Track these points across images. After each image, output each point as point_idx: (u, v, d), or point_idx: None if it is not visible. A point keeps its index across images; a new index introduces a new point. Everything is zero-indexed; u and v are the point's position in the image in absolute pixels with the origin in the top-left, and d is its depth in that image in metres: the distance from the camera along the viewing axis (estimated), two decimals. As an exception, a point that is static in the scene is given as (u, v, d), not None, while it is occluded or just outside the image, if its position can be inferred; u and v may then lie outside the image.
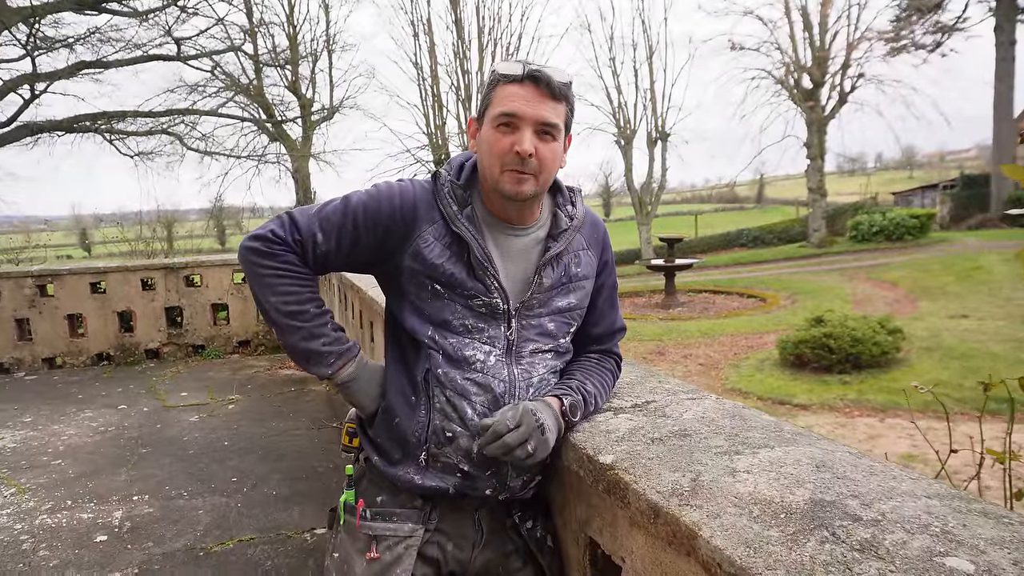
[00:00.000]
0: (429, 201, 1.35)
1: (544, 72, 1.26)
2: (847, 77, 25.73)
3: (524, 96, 1.26)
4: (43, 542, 3.31)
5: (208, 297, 7.72)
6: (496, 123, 1.28)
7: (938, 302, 14.25)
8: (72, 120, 13.90)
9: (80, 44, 13.43)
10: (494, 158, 1.28)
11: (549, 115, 1.27)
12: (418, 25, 22.89)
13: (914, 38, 26.80)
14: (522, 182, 1.28)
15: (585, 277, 1.44)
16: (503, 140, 1.27)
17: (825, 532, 0.86)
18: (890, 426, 7.68)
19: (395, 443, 1.36)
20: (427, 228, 1.33)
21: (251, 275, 1.34)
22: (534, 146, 1.26)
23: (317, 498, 3.74)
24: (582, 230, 1.44)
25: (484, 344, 1.34)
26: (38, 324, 7.23)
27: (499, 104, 1.27)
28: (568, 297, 1.41)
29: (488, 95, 1.31)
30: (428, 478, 1.33)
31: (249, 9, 17.42)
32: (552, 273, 1.38)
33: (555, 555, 1.49)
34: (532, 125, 1.26)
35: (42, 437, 4.96)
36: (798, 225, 30.25)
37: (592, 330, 1.52)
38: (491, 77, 1.31)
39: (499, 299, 1.33)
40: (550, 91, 1.27)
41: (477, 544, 1.40)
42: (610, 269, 1.53)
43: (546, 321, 1.39)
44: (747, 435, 1.24)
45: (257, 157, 18.76)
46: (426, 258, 1.31)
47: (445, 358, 1.32)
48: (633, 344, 12.37)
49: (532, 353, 1.38)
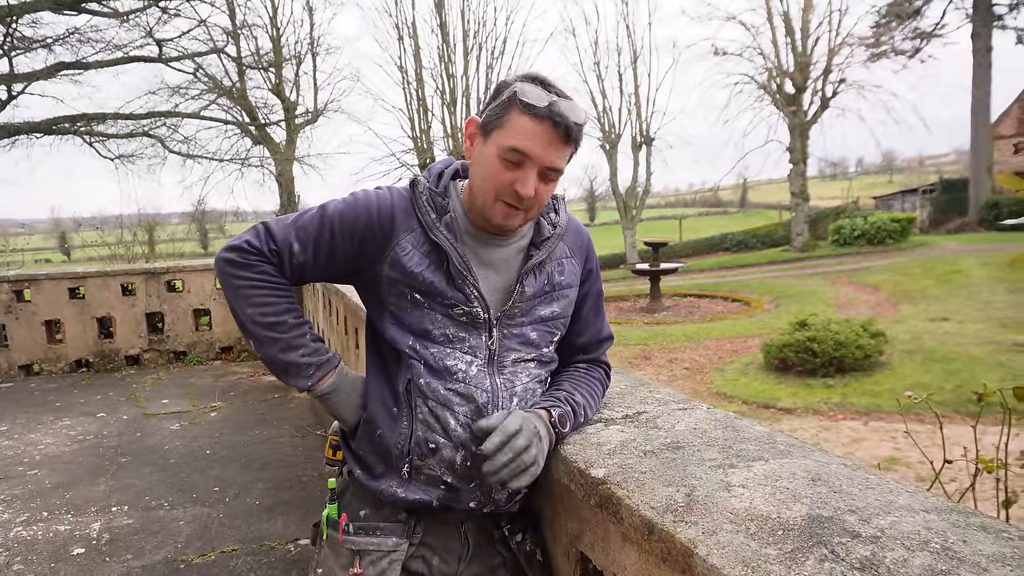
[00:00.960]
0: (407, 209, 1.32)
1: (565, 117, 1.20)
2: (829, 82, 26.05)
3: (540, 136, 1.20)
4: (18, 555, 3.23)
5: (190, 302, 7.63)
6: (503, 154, 1.22)
7: (919, 305, 14.41)
8: (51, 122, 13.69)
9: (59, 45, 13.24)
10: (492, 186, 1.25)
11: (558, 161, 1.24)
12: (403, 28, 22.85)
13: (894, 44, 27.18)
14: (512, 217, 1.26)
15: (569, 285, 1.41)
16: (506, 175, 1.23)
17: (824, 550, 0.84)
18: (873, 429, 7.74)
19: (377, 456, 1.33)
20: (405, 236, 1.30)
21: (227, 286, 1.32)
22: (535, 189, 1.23)
23: (301, 507, 3.69)
24: (565, 238, 1.42)
25: (466, 354, 1.31)
26: (14, 330, 7.10)
27: (512, 136, 1.21)
28: (551, 306, 1.38)
29: (502, 116, 1.23)
30: (411, 491, 1.30)
31: (232, 11, 17.26)
32: (535, 282, 1.35)
33: (544, 569, 1.45)
34: (539, 168, 1.23)
35: (18, 447, 4.85)
36: (781, 229, 30.52)
37: (578, 339, 1.49)
38: (510, 94, 1.22)
39: (479, 308, 1.31)
40: (566, 136, 1.22)
41: (463, 558, 1.37)
42: (595, 277, 1.50)
43: (528, 330, 1.36)
44: (741, 447, 1.22)
45: (240, 160, 18.59)
46: (405, 266, 1.29)
47: (427, 368, 1.29)
48: (619, 348, 12.39)
49: (514, 362, 1.35)
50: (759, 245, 30.30)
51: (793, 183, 26.72)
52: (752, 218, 50.91)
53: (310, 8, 19.51)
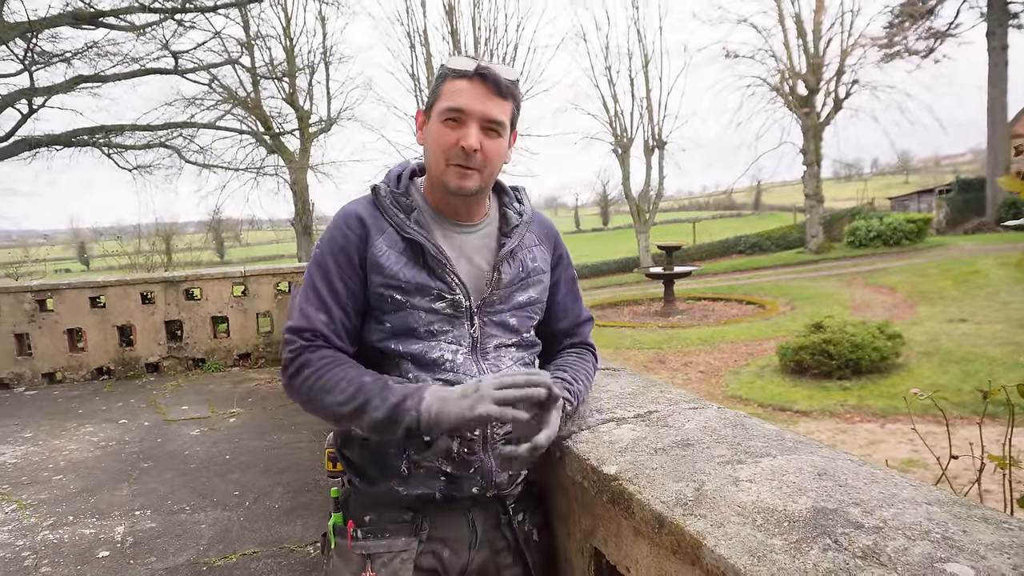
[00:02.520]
0: (373, 213, 1.36)
1: (492, 70, 1.28)
2: (842, 83, 25.94)
3: (472, 92, 1.28)
4: (45, 558, 3.31)
5: (208, 310, 7.73)
6: (443, 117, 1.29)
7: (936, 307, 14.28)
8: (70, 134, 13.93)
9: (78, 58, 13.47)
10: (440, 152, 1.30)
11: (495, 112, 1.29)
12: (414, 37, 23.02)
13: (907, 44, 27.01)
14: (466, 177, 1.30)
15: (541, 271, 1.47)
16: (449, 135, 1.29)
17: (827, 540, 0.88)
18: (891, 431, 7.69)
19: (374, 460, 1.35)
20: (378, 238, 1.33)
21: (302, 402, 1.31)
22: (479, 142, 1.28)
23: (319, 511, 3.74)
24: (532, 226, 1.48)
25: (450, 344, 1.34)
26: (38, 339, 7.23)
27: (447, 99, 1.29)
28: (527, 292, 1.43)
29: (437, 88, 1.32)
30: (412, 487, 1.32)
31: (246, 22, 17.51)
32: (510, 269, 1.40)
33: (540, 549, 1.48)
34: (478, 121, 1.28)
35: (43, 452, 4.95)
36: (796, 231, 30.36)
37: (559, 324, 1.55)
38: (440, 71, 1.33)
39: (461, 295, 1.34)
40: (497, 88, 1.28)
41: (473, 545, 1.39)
42: (565, 263, 1.56)
43: (507, 316, 1.41)
44: (749, 444, 1.25)
45: (255, 169, 18.80)
46: (383, 266, 1.32)
47: (414, 363, 1.32)
48: (633, 352, 12.38)
49: (496, 348, 1.39)
50: (773, 247, 30.15)
51: (807, 185, 26.59)
52: (766, 220, 50.65)
53: (323, 18, 19.74)
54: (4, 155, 12.95)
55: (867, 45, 25.71)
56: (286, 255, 30.06)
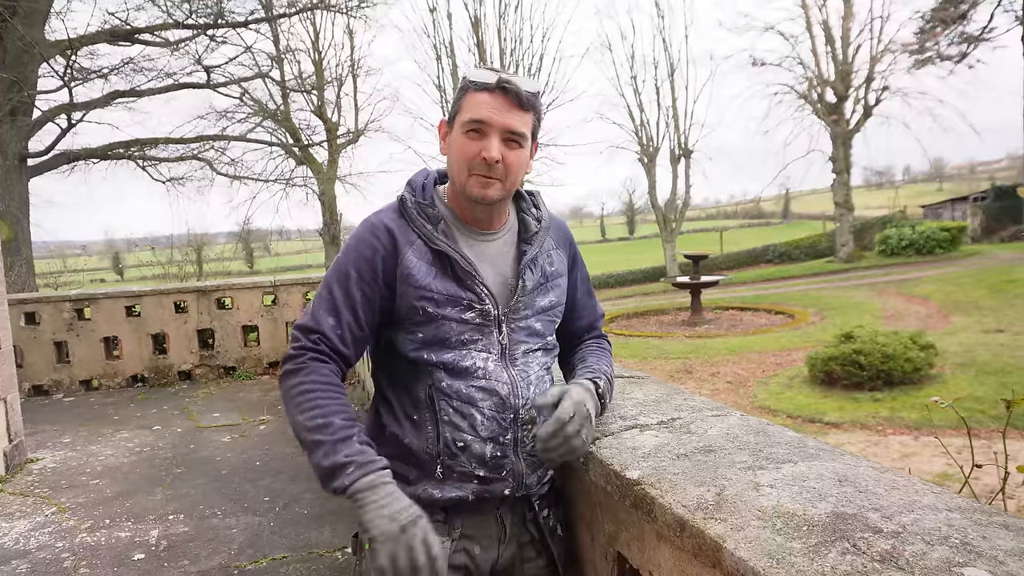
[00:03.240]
0: (401, 225, 1.39)
1: (513, 82, 1.31)
2: (871, 90, 25.61)
3: (493, 104, 1.31)
4: (83, 560, 3.40)
5: (239, 319, 7.87)
6: (465, 129, 1.33)
7: (971, 317, 13.98)
8: (106, 148, 14.32)
9: (114, 74, 13.88)
10: (462, 162, 1.34)
11: (516, 124, 1.33)
12: (440, 48, 23.29)
13: (939, 50, 26.54)
14: (488, 186, 1.34)
15: (560, 275, 1.51)
16: (471, 146, 1.32)
17: (846, 544, 0.89)
18: (925, 444, 7.54)
19: (409, 464, 1.38)
20: (408, 250, 1.36)
21: (283, 400, 1.35)
22: (501, 153, 1.31)
23: (348, 516, 3.79)
24: (550, 231, 1.51)
25: (481, 352, 1.38)
26: (76, 347, 7.43)
27: (469, 111, 1.33)
28: (548, 296, 1.48)
29: (459, 100, 1.36)
30: (447, 490, 1.36)
31: (276, 37, 17.88)
32: (532, 276, 1.44)
33: (563, 543, 1.53)
34: (500, 133, 1.32)
35: (80, 457, 5.09)
36: (825, 240, 29.93)
37: (579, 322, 1.62)
38: (462, 83, 1.37)
39: (490, 305, 1.38)
40: (518, 101, 1.32)
41: (502, 541, 1.44)
42: (579, 263, 1.61)
43: (533, 322, 1.45)
44: (771, 451, 1.26)
45: (284, 181, 19.10)
46: (415, 278, 1.35)
47: (447, 372, 1.36)
48: (660, 362, 12.31)
49: (525, 353, 1.43)
50: (803, 256, 29.76)
51: (837, 193, 26.25)
52: (795, 229, 50.02)
53: (351, 32, 20.06)
54: (44, 168, 13.36)
55: (897, 51, 25.39)
56: (314, 265, 30.41)
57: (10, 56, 10.81)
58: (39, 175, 13.25)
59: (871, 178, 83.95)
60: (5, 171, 10.77)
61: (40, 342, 7.31)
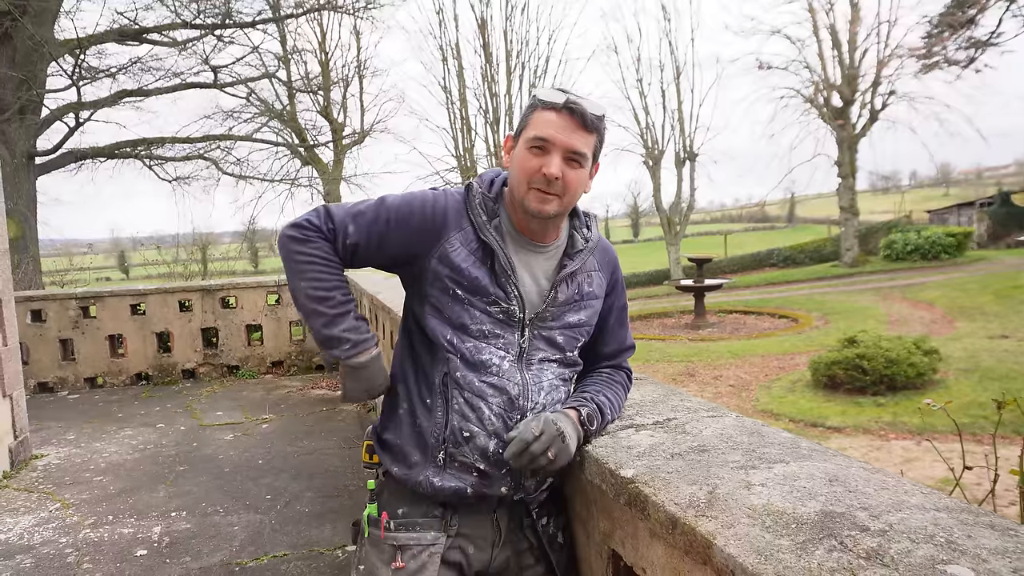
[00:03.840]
0: (459, 210, 1.44)
1: (580, 104, 1.35)
2: (878, 95, 25.51)
3: (558, 124, 1.35)
4: (87, 555, 3.43)
5: (243, 318, 7.91)
6: (529, 144, 1.37)
7: (976, 322, 13.93)
8: (114, 146, 14.37)
9: (122, 73, 13.91)
10: (523, 176, 1.38)
11: (579, 144, 1.36)
12: (447, 50, 23.30)
13: (946, 54, 26.40)
14: (546, 202, 1.37)
15: (595, 296, 1.53)
16: (533, 161, 1.36)
17: (833, 541, 0.91)
18: (927, 449, 7.51)
19: (415, 445, 1.43)
20: (455, 234, 1.41)
21: (285, 260, 1.43)
22: (561, 171, 1.35)
23: (348, 515, 3.81)
24: (595, 252, 1.54)
25: (499, 349, 1.42)
26: (81, 344, 7.48)
27: (534, 128, 1.37)
28: (579, 314, 1.50)
29: (526, 117, 1.40)
30: (446, 479, 1.40)
31: (283, 37, 17.91)
32: (567, 289, 1.47)
33: (564, 551, 1.55)
34: (562, 152, 1.35)
35: (85, 454, 5.12)
36: (830, 244, 29.83)
37: (604, 348, 1.62)
38: (532, 101, 1.41)
39: (517, 307, 1.42)
40: (583, 122, 1.36)
41: (496, 544, 1.47)
42: (619, 290, 1.62)
43: (556, 334, 1.47)
44: (764, 451, 1.28)
45: (290, 181, 19.13)
46: (453, 261, 1.40)
47: (463, 361, 1.40)
48: (662, 365, 12.30)
49: (540, 361, 1.46)
50: (807, 261, 29.67)
51: (842, 197, 26.17)
52: (800, 233, 49.92)
53: (357, 33, 20.07)
54: (52, 167, 13.43)
55: (904, 56, 25.27)
56: (319, 265, 30.29)
57: (20, 55, 10.88)
58: (47, 173, 13.31)
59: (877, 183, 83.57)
60: (13, 169, 10.83)
61: (46, 339, 7.36)
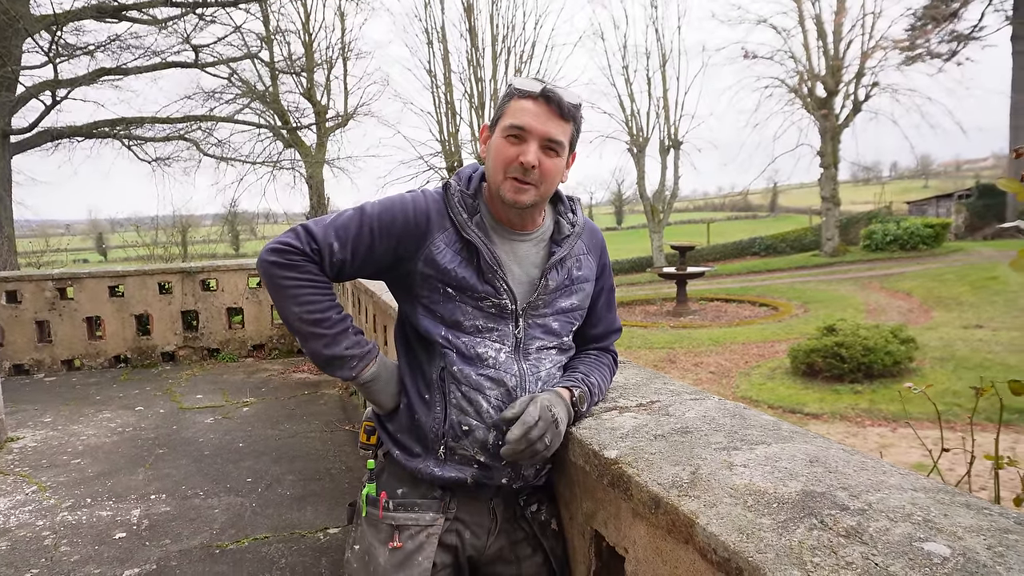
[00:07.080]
0: (440, 210, 1.43)
1: (556, 93, 1.34)
2: (861, 86, 25.72)
3: (535, 112, 1.34)
4: (64, 538, 3.40)
5: (223, 301, 7.83)
6: (506, 133, 1.36)
7: (952, 312, 14.17)
8: (91, 126, 14.09)
9: (101, 51, 13.61)
10: (500, 165, 1.37)
11: (556, 133, 1.36)
12: (432, 33, 23.10)
13: (929, 47, 26.69)
14: (522, 191, 1.37)
15: (586, 280, 1.53)
16: (510, 150, 1.35)
17: (814, 520, 0.92)
18: (902, 435, 7.66)
19: (415, 439, 1.44)
20: (439, 235, 1.40)
21: (272, 287, 1.39)
22: (538, 159, 1.34)
23: (330, 498, 3.81)
24: (582, 236, 1.54)
25: (495, 342, 1.42)
26: (58, 326, 7.37)
27: (511, 116, 1.36)
28: (571, 298, 1.50)
29: (503, 106, 1.39)
30: (447, 470, 1.40)
31: (266, 17, 17.62)
32: (557, 276, 1.47)
33: (558, 538, 1.56)
34: (539, 140, 1.35)
35: (62, 437, 5.06)
36: (811, 234, 30.14)
37: (592, 331, 1.62)
38: (507, 90, 1.40)
39: (508, 300, 1.42)
40: (560, 111, 1.35)
41: (492, 531, 1.48)
42: (608, 273, 1.62)
43: (551, 320, 1.48)
44: (746, 432, 1.29)
45: (272, 163, 18.90)
46: (439, 263, 1.39)
47: (459, 356, 1.40)
48: (644, 352, 12.39)
49: (538, 350, 1.46)
50: (788, 250, 29.97)
51: (824, 187, 26.40)
52: (782, 222, 50.33)
53: (342, 14, 19.83)
54: (27, 146, 13.15)
55: (888, 48, 25.48)
56: (301, 249, 30.09)
57: (-7, 30, 10.61)
58: (22, 152, 13.03)
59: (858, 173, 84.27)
60: (-13, 147, 10.60)
61: (21, 321, 7.24)
